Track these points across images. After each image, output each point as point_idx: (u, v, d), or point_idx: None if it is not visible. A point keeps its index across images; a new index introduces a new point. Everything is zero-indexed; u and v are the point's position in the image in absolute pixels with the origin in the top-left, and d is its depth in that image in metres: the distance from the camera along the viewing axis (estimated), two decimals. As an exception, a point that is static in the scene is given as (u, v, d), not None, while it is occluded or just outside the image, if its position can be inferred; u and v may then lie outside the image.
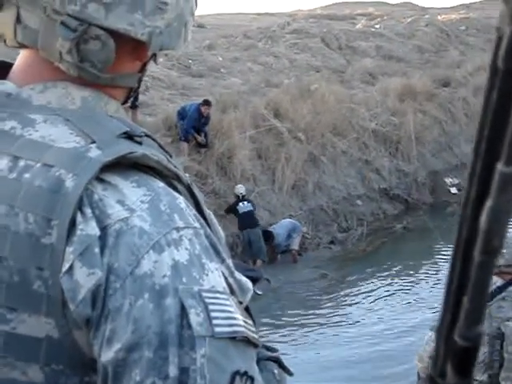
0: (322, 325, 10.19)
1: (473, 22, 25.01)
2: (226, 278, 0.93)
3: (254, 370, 0.91)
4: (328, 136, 14.89)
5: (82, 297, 0.86)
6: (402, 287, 11.39)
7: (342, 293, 11.42)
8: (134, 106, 13.24)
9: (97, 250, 0.87)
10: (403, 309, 10.43)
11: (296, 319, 10.24)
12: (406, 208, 14.99)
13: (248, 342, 0.90)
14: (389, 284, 11.61)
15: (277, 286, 10.77)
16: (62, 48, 0.99)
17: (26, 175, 0.91)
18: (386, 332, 9.62)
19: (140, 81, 1.12)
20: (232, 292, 0.93)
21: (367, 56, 20.52)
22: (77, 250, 0.87)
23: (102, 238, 0.87)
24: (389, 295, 11.12)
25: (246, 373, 0.88)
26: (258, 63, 18.77)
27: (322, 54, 20.29)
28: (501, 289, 4.27)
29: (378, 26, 23.50)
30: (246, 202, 12.24)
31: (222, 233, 1.04)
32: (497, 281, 4.30)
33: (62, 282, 0.87)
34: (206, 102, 13.01)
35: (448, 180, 15.81)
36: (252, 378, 0.89)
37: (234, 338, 0.88)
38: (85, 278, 0.86)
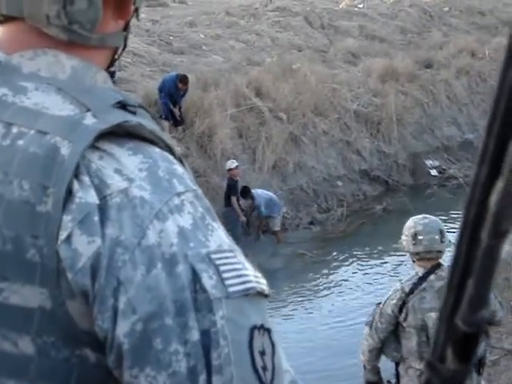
0: (300, 304, 10.23)
1: (456, 3, 24.95)
2: None
3: (268, 321, 0.91)
4: (309, 116, 14.87)
5: (82, 265, 0.85)
6: (380, 268, 11.46)
7: (321, 273, 11.47)
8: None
9: (96, 218, 0.86)
10: (382, 290, 10.50)
11: (274, 298, 10.27)
12: (386, 189, 15.04)
13: (259, 294, 0.91)
14: (368, 265, 11.68)
15: (256, 265, 10.78)
16: (50, 11, 0.98)
17: (20, 142, 0.90)
18: (364, 311, 9.68)
19: (126, 39, 1.11)
20: None
21: (350, 36, 20.46)
22: (76, 218, 0.86)
23: (102, 208, 0.86)
24: (368, 276, 11.19)
25: (262, 326, 0.89)
26: (240, 41, 18.66)
27: (304, 32, 20.21)
28: (421, 279, 4.26)
29: (361, 6, 23.43)
30: (226, 180, 12.15)
31: None
32: (418, 271, 4.31)
33: (60, 250, 0.86)
34: (182, 80, 12.77)
35: (428, 162, 15.86)
36: (269, 330, 0.90)
37: (247, 295, 0.88)
38: (84, 246, 0.85)
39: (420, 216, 4.45)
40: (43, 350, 0.89)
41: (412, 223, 4.35)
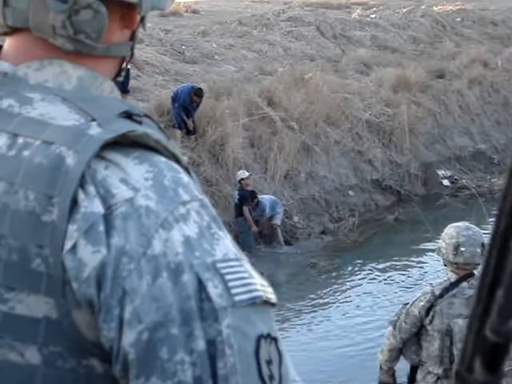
0: (310, 313, 10.20)
1: (469, 13, 24.96)
2: None
3: (275, 330, 0.91)
4: (321, 125, 14.86)
5: (87, 275, 0.85)
6: (392, 278, 11.41)
7: (332, 282, 11.43)
8: (124, 91, 13.16)
9: (101, 228, 0.86)
10: (393, 300, 10.45)
11: (285, 308, 10.25)
12: (398, 199, 14.98)
13: (266, 303, 0.90)
14: (379, 275, 11.63)
15: (266, 275, 10.76)
16: (55, 22, 0.98)
17: (26, 152, 0.91)
18: (376, 323, 9.64)
19: (132, 49, 1.11)
20: None
21: (362, 46, 20.48)
22: (81, 227, 0.86)
23: (107, 218, 0.86)
24: (379, 286, 11.14)
25: (268, 334, 0.89)
26: (253, 51, 18.71)
27: (316, 42, 20.24)
28: (453, 285, 4.23)
29: (373, 16, 23.45)
30: (236, 192, 12.16)
31: None
32: (451, 276, 4.28)
33: (65, 260, 0.86)
34: (198, 93, 12.85)
35: (440, 172, 15.80)
36: (275, 339, 0.90)
37: (253, 304, 0.88)
38: (89, 256, 0.85)
39: (463, 225, 4.30)
40: (49, 360, 0.89)
41: (454, 233, 4.22)
